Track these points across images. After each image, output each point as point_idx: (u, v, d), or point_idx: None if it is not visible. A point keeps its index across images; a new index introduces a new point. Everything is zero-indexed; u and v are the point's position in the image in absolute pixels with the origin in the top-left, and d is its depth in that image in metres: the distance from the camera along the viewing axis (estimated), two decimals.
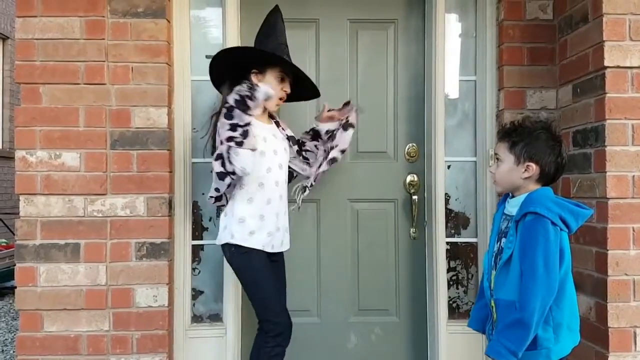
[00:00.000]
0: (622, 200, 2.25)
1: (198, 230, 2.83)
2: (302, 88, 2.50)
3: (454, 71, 2.90)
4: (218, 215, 2.80)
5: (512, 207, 1.81)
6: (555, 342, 1.69)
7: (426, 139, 2.91)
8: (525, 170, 1.76)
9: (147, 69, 2.59)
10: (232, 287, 2.74)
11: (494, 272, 1.83)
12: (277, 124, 2.51)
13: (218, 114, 2.29)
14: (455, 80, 2.90)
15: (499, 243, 1.83)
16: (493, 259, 1.85)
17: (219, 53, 2.37)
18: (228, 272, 2.73)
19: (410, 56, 2.94)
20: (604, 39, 2.25)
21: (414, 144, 2.93)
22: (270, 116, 2.50)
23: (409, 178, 2.92)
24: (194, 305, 2.82)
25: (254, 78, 2.34)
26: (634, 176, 2.26)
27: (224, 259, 2.48)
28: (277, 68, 2.35)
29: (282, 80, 2.38)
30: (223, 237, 2.32)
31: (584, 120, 2.41)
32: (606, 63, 2.25)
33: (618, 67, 2.26)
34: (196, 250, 2.83)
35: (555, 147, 1.77)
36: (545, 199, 1.72)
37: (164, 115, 2.59)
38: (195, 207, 2.83)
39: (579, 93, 2.47)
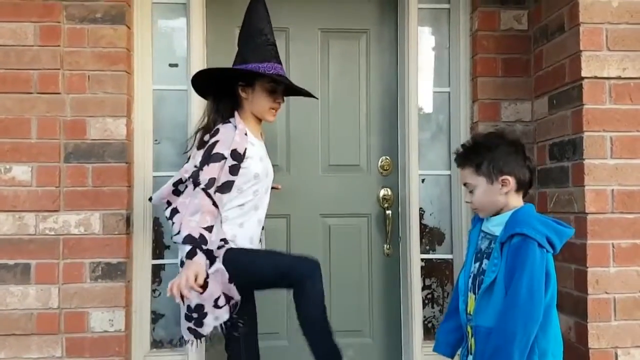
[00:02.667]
0: (601, 215, 2.17)
1: (159, 248, 2.67)
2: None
3: (428, 83, 2.82)
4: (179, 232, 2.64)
5: (494, 226, 1.71)
6: None
7: (400, 152, 2.82)
8: (503, 185, 1.67)
9: (104, 77, 2.44)
10: None
11: (471, 295, 1.72)
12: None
13: (204, 129, 2.14)
14: (429, 92, 2.82)
15: (478, 264, 1.72)
16: (471, 280, 1.74)
17: (196, 74, 2.15)
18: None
19: (383, 67, 2.85)
20: (581, 48, 2.18)
21: (388, 157, 2.84)
22: None
23: (382, 192, 2.82)
24: (153, 329, 2.64)
25: (241, 93, 2.15)
26: (613, 190, 2.18)
27: None
28: (266, 80, 2.12)
29: (273, 91, 2.15)
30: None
31: (561, 132, 2.33)
32: (583, 74, 2.18)
33: (595, 77, 2.19)
34: (156, 270, 2.66)
35: (518, 151, 1.68)
36: (531, 218, 1.63)
37: (122, 125, 2.44)
38: (156, 224, 2.67)
39: (555, 105, 2.40)
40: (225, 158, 2.01)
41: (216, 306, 1.98)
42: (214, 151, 2.01)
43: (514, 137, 1.74)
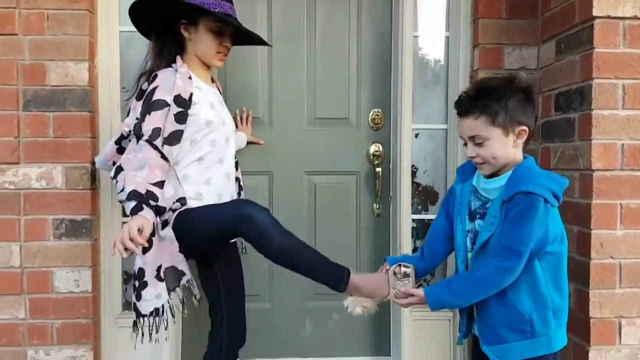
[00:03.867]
0: (609, 172, 1.95)
1: None
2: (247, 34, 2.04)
3: (425, 27, 2.56)
4: None
5: (491, 186, 1.54)
6: (556, 327, 1.53)
7: (392, 104, 2.59)
8: (518, 137, 1.51)
9: (65, 16, 2.22)
10: None
11: (469, 254, 1.60)
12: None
13: (147, 75, 1.94)
14: (425, 37, 2.56)
15: (473, 223, 1.57)
16: (470, 239, 1.60)
17: (132, 5, 1.91)
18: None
19: (376, 10, 2.59)
20: None
21: (379, 110, 2.61)
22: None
23: (372, 148, 2.60)
24: (125, 290, 2.48)
25: (184, 32, 1.93)
26: (623, 145, 1.95)
27: None
28: (211, 19, 1.90)
29: (220, 33, 1.94)
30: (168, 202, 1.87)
31: (568, 80, 2.09)
32: (595, 12, 1.93)
33: (609, 17, 1.93)
34: None
35: (530, 99, 1.52)
36: (535, 173, 1.49)
37: (84, 70, 2.23)
38: None
39: (563, 49, 2.15)
40: (169, 105, 1.80)
41: (158, 277, 1.79)
42: (154, 98, 1.80)
43: (526, 83, 1.55)
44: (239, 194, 2.18)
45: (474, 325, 1.65)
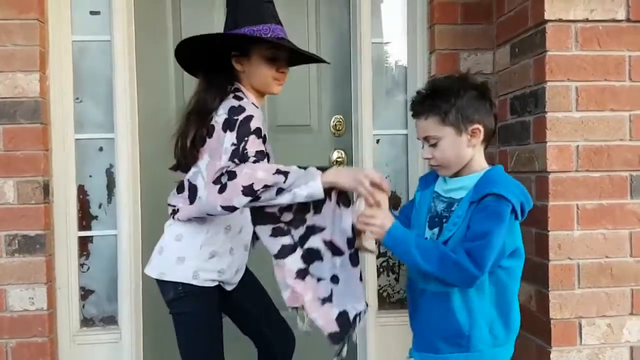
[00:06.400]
0: (564, 174, 1.97)
1: (85, 219, 2.42)
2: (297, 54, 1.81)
3: (382, 32, 2.56)
4: (110, 201, 2.41)
5: (455, 189, 1.49)
6: (493, 346, 1.45)
7: (353, 110, 2.58)
8: (472, 135, 1.44)
9: (13, 26, 2.16)
10: (128, 284, 2.35)
11: None
12: None
13: (197, 114, 1.68)
14: (384, 42, 2.57)
15: (437, 229, 1.50)
16: None
17: (178, 45, 1.71)
18: (124, 266, 2.35)
19: (334, 14, 2.59)
20: None
21: (341, 116, 2.60)
22: None
23: (335, 154, 2.59)
24: (83, 306, 2.42)
25: (236, 64, 1.71)
26: (578, 146, 1.97)
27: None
28: (264, 46, 1.68)
29: (274, 59, 1.71)
30: (176, 272, 1.66)
31: (523, 84, 2.11)
32: (547, 16, 1.95)
33: (560, 20, 1.95)
34: (84, 243, 2.42)
35: (485, 97, 1.45)
36: (507, 180, 1.44)
37: (35, 81, 2.17)
38: (82, 192, 2.41)
39: (517, 53, 2.17)
40: (263, 137, 1.58)
41: None
42: (252, 126, 1.55)
43: (479, 81, 1.50)
44: None
45: None
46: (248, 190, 1.46)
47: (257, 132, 1.55)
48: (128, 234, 2.35)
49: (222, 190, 1.49)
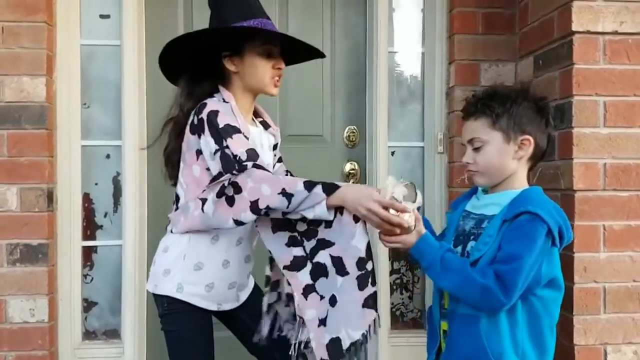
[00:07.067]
0: (591, 192, 1.88)
1: (90, 228, 2.34)
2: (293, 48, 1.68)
3: (399, 42, 2.49)
4: (116, 210, 2.33)
5: (487, 205, 1.41)
6: None
7: (367, 121, 2.50)
8: (520, 147, 1.36)
9: (20, 29, 2.10)
10: (132, 296, 2.27)
11: None
12: (264, 123, 1.76)
13: (174, 122, 1.60)
14: (401, 52, 2.49)
15: (461, 247, 1.43)
16: None
17: (167, 46, 1.56)
18: (128, 278, 2.27)
19: (350, 24, 2.52)
20: None
21: (355, 127, 2.52)
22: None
23: (348, 166, 2.51)
24: (85, 319, 2.34)
25: (229, 65, 1.58)
26: (605, 164, 1.88)
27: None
28: (258, 42, 1.56)
29: (269, 55, 1.58)
30: (163, 285, 1.56)
31: (548, 97, 2.02)
32: (574, 27, 1.87)
33: (588, 32, 1.87)
34: (88, 253, 2.34)
35: (543, 113, 1.38)
36: (545, 201, 1.35)
37: (42, 86, 2.11)
38: (87, 200, 2.33)
39: (541, 65, 2.09)
40: (240, 131, 1.47)
41: None
42: (221, 124, 1.45)
43: (540, 95, 1.42)
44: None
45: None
46: (254, 207, 1.39)
47: (231, 128, 1.45)
48: (133, 245, 2.28)
49: (230, 203, 1.42)
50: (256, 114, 1.73)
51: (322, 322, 1.43)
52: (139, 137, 2.30)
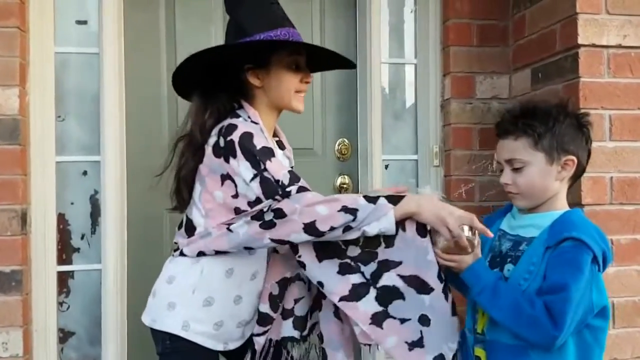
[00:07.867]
0: (598, 207, 1.87)
1: (66, 252, 2.15)
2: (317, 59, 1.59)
3: (392, 53, 2.43)
4: (94, 232, 2.16)
5: (525, 226, 1.34)
6: None
7: (360, 134, 2.43)
8: (562, 168, 1.30)
9: None
10: (114, 325, 2.10)
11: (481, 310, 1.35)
12: (279, 143, 1.66)
13: (189, 140, 1.46)
14: (392, 63, 2.44)
15: (497, 269, 1.35)
16: None
17: (187, 60, 1.42)
18: (108, 304, 2.10)
19: (340, 34, 2.45)
20: (577, 10, 1.85)
21: (346, 140, 2.45)
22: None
23: (339, 180, 2.43)
24: (62, 350, 2.14)
25: (252, 80, 1.46)
26: (612, 178, 1.88)
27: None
28: (284, 53, 1.45)
29: (297, 67, 1.47)
30: (165, 321, 1.43)
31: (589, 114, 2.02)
32: (580, 40, 1.86)
33: (593, 45, 1.87)
34: (63, 279, 2.15)
35: (583, 129, 1.33)
36: (588, 225, 1.29)
37: (14, 97, 1.93)
38: (62, 221, 2.14)
39: (540, 79, 2.08)
40: (274, 154, 1.38)
41: None
42: (258, 146, 1.34)
43: (580, 111, 1.38)
44: None
45: None
46: (311, 229, 1.27)
47: (268, 151, 1.35)
48: (114, 269, 2.11)
49: (268, 227, 1.30)
50: (274, 133, 1.62)
51: (416, 344, 1.34)
52: (119, 151, 2.14)
